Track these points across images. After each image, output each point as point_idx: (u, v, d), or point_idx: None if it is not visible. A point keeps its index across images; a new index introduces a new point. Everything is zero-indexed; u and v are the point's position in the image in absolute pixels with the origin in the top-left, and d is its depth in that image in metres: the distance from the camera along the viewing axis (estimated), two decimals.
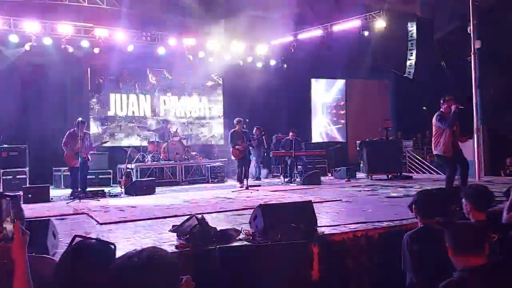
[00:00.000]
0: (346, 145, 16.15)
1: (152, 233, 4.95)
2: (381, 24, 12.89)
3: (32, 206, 7.52)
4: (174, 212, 6.45)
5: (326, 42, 13.89)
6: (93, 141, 10.14)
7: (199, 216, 4.41)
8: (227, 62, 14.38)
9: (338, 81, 17.05)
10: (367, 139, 12.22)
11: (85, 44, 12.32)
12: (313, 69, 15.77)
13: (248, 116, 10.93)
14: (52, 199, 8.71)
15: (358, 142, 12.43)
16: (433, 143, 7.43)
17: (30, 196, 8.33)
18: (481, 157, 10.63)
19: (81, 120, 9.33)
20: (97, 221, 5.88)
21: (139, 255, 1.47)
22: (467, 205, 3.48)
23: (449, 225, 2.78)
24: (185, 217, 4.66)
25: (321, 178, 11.25)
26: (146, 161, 12.18)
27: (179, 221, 4.77)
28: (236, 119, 10.74)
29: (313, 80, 16.67)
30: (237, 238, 4.31)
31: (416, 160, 14.02)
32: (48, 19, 11.89)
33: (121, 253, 1.59)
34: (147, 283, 1.43)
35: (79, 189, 9.03)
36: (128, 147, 12.70)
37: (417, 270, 3.37)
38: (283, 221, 4.47)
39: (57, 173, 11.57)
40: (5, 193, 1.95)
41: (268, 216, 4.53)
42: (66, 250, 2.00)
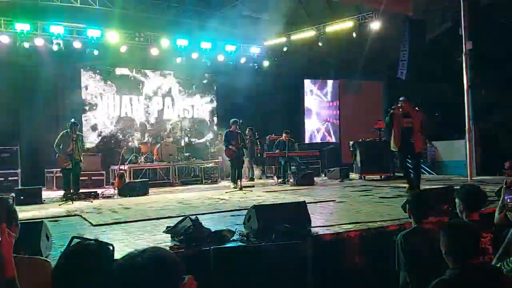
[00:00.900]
0: (339, 145, 16.18)
1: (146, 234, 4.93)
2: (373, 25, 12.94)
3: (24, 208, 7.45)
4: (168, 213, 6.43)
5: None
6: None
7: (193, 217, 4.42)
8: (220, 62, 14.39)
9: (330, 82, 17.10)
10: (360, 140, 12.28)
11: (77, 45, 12.24)
12: (306, 69, 15.80)
13: (241, 117, 10.94)
14: (44, 200, 8.66)
15: (351, 142, 12.48)
16: None
17: (22, 198, 8.27)
18: (472, 157, 10.71)
19: (74, 121, 9.29)
20: (90, 223, 5.85)
21: (142, 254, 1.47)
22: (460, 205, 3.50)
23: (443, 225, 2.80)
24: (179, 218, 4.67)
25: (315, 178, 11.30)
26: (139, 162, 12.13)
27: (173, 222, 4.77)
28: (232, 120, 10.76)
29: (306, 80, 16.70)
30: (231, 239, 4.31)
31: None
32: (40, 20, 11.80)
33: (117, 255, 1.59)
34: (151, 282, 1.43)
35: (72, 191, 8.98)
36: (121, 148, 12.66)
37: (410, 269, 3.40)
38: (277, 221, 4.48)
39: (49, 174, 11.46)
40: None
41: (262, 216, 4.54)
42: (64, 251, 1.99)
